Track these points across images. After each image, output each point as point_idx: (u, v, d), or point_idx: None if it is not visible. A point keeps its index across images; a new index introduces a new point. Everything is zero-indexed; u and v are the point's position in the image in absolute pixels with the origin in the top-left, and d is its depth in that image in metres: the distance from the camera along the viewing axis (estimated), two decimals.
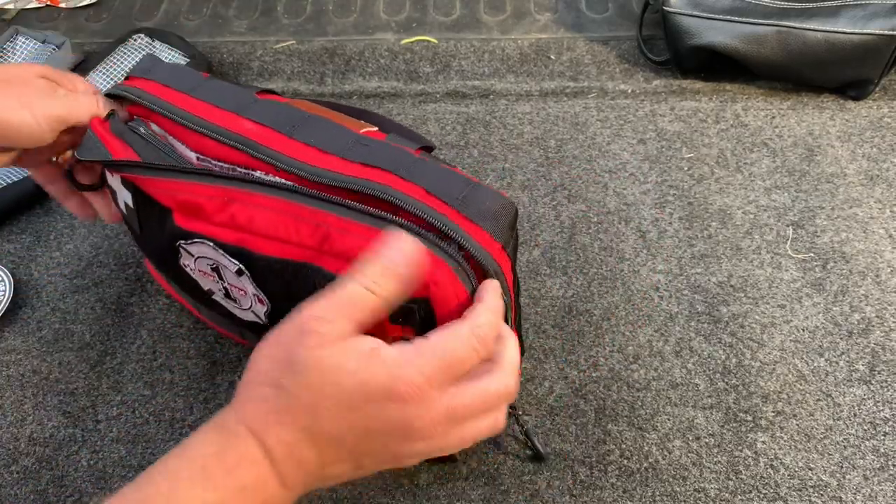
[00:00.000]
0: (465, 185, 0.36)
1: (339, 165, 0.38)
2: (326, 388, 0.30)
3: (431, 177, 0.37)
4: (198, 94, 0.43)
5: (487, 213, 0.36)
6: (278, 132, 0.40)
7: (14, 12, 0.88)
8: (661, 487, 0.47)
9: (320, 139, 0.39)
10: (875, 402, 0.51)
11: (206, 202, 0.39)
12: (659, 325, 0.55)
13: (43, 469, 0.50)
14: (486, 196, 0.36)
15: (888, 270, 0.58)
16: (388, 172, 0.37)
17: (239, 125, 0.41)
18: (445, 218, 0.35)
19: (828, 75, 0.70)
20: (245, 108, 0.42)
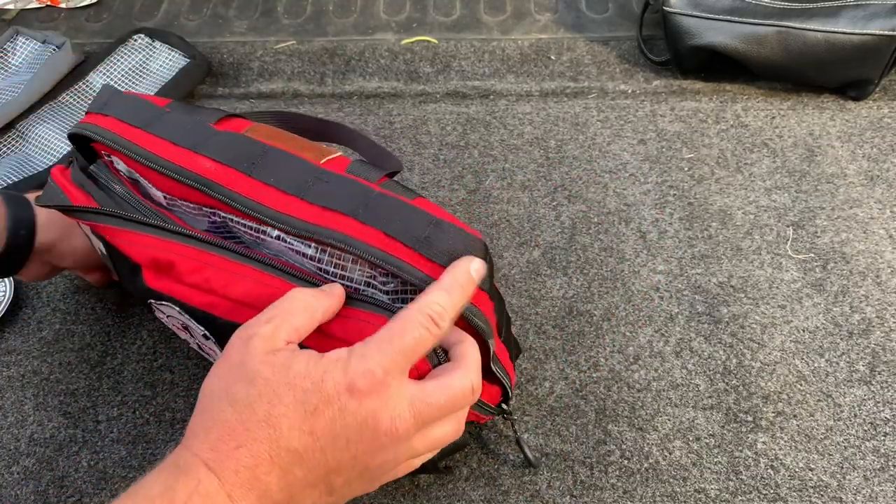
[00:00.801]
0: (427, 224, 0.35)
1: (297, 208, 0.36)
2: (281, 392, 0.29)
3: (392, 216, 0.35)
4: (154, 129, 0.41)
5: (452, 252, 0.34)
6: (236, 170, 0.38)
7: (14, 12, 0.88)
8: (662, 488, 0.47)
9: (279, 177, 0.37)
10: (875, 402, 0.51)
11: (179, 261, 0.38)
12: (659, 325, 0.55)
13: (43, 470, 0.50)
14: (450, 235, 0.35)
15: (888, 271, 0.58)
16: (347, 216, 0.35)
17: (196, 163, 0.39)
18: (404, 263, 0.34)
19: (828, 75, 0.70)
20: (202, 143, 0.40)
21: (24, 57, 0.77)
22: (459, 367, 0.32)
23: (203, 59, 0.77)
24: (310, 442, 0.29)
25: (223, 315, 0.37)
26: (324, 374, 0.29)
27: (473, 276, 0.33)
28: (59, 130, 0.70)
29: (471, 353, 0.33)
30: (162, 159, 0.39)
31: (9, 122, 0.70)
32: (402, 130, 0.71)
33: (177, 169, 0.39)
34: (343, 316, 0.34)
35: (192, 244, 0.38)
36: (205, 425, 0.29)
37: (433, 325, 0.31)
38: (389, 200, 0.36)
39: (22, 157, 0.69)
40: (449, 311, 0.32)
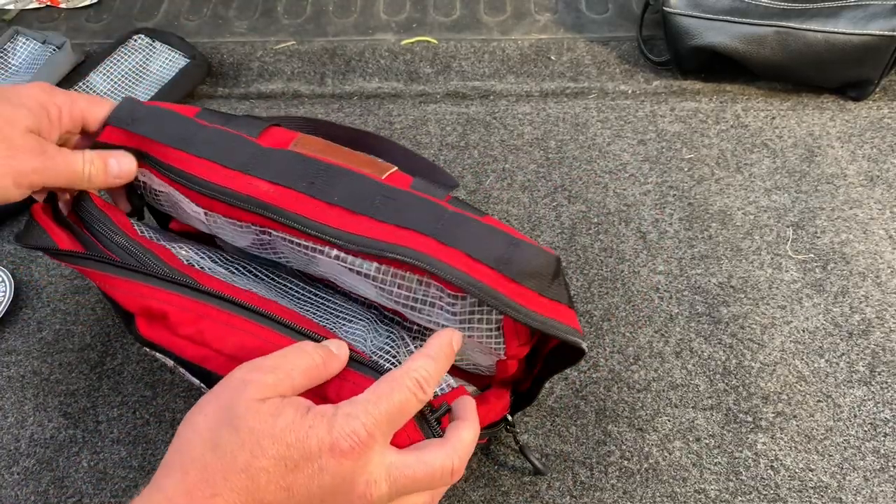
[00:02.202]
0: (508, 244, 0.34)
1: (369, 227, 0.35)
2: (265, 444, 0.28)
3: (470, 236, 0.34)
4: (196, 149, 0.39)
5: (533, 272, 0.34)
6: (296, 191, 0.36)
7: (14, 13, 0.88)
8: (662, 488, 0.47)
9: (344, 196, 0.36)
10: (875, 403, 0.51)
11: (173, 312, 0.36)
12: (659, 325, 0.55)
13: (43, 470, 0.50)
14: (530, 254, 0.35)
15: (888, 271, 0.58)
16: (426, 236, 0.34)
17: (252, 187, 0.37)
18: (489, 288, 0.33)
19: (828, 76, 0.70)
20: (253, 164, 0.38)
21: (24, 57, 0.77)
22: (446, 446, 0.32)
23: (203, 60, 0.77)
24: (284, 498, 0.29)
25: (216, 369, 0.35)
26: (308, 429, 0.29)
27: (454, 347, 0.34)
28: None
29: (464, 436, 0.32)
30: (213, 184, 0.37)
31: None
32: (402, 131, 0.71)
33: (232, 194, 0.37)
34: (341, 378, 0.33)
35: (186, 294, 0.36)
36: (183, 465, 0.29)
37: (420, 391, 0.31)
38: (465, 219, 0.35)
39: None
40: (434, 378, 0.32)
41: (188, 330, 0.36)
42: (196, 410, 0.30)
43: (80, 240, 0.40)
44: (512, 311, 0.33)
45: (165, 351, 0.37)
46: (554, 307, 0.36)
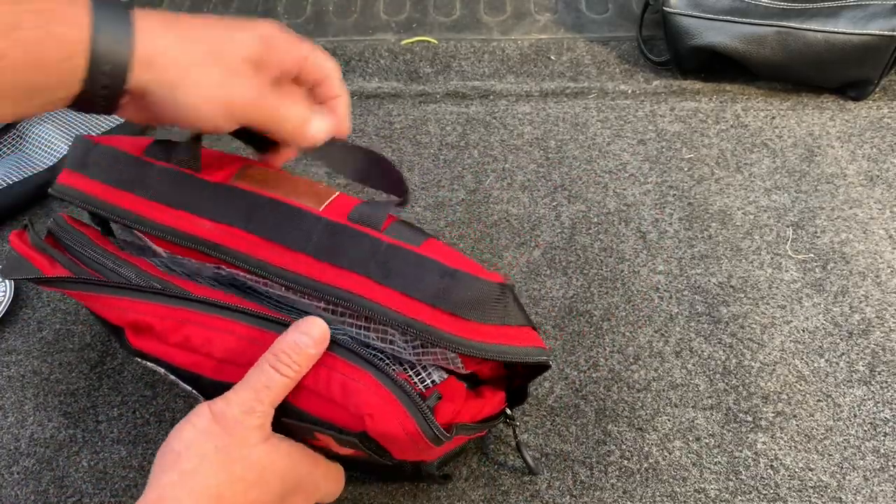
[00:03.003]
0: (443, 276, 0.34)
1: (306, 265, 0.36)
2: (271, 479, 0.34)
3: (405, 272, 0.34)
4: (143, 191, 0.39)
5: (472, 302, 0.34)
6: (236, 228, 0.37)
7: None
8: (662, 488, 0.47)
9: (281, 233, 0.36)
10: (875, 402, 0.51)
11: (157, 322, 0.36)
12: (659, 325, 0.55)
13: (43, 470, 0.50)
14: (467, 284, 0.34)
15: (888, 271, 0.58)
16: (361, 276, 0.35)
17: (194, 225, 0.38)
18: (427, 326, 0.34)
19: (828, 76, 0.70)
20: (195, 203, 0.38)
21: None
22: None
23: None
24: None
25: (207, 374, 0.36)
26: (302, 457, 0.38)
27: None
28: (58, 130, 0.70)
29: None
30: (158, 224, 0.38)
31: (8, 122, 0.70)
32: (402, 130, 0.71)
33: (174, 232, 0.38)
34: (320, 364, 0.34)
35: (165, 302, 0.37)
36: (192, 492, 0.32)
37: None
38: (400, 253, 0.35)
39: (22, 157, 0.69)
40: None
41: (175, 337, 0.36)
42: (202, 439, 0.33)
43: (60, 261, 0.41)
44: (453, 346, 0.34)
45: (158, 360, 0.38)
46: (502, 332, 0.36)
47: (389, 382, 0.33)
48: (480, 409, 0.39)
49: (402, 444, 0.34)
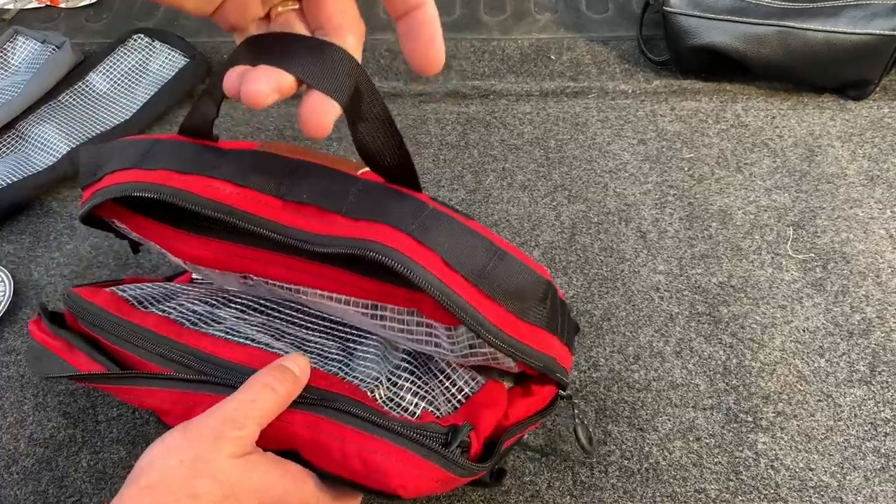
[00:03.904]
0: (491, 255, 0.31)
1: (341, 226, 0.31)
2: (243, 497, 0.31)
3: (450, 240, 0.30)
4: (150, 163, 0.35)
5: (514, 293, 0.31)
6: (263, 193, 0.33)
7: (14, 12, 0.87)
8: (662, 488, 0.47)
9: (314, 193, 0.32)
10: (876, 402, 0.51)
11: (171, 407, 0.36)
12: (659, 325, 0.55)
13: (43, 470, 0.50)
14: (515, 270, 0.31)
15: (889, 271, 0.58)
16: (400, 232, 0.30)
17: (213, 189, 0.33)
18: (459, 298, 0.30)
19: (828, 75, 0.70)
20: (214, 166, 0.34)
21: (24, 57, 0.77)
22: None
23: (203, 59, 0.77)
24: None
25: None
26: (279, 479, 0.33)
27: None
28: (58, 130, 0.70)
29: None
30: (169, 188, 0.33)
31: (8, 122, 0.70)
32: (403, 130, 0.71)
33: (190, 198, 0.33)
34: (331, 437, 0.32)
35: (174, 387, 0.36)
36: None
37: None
38: (447, 218, 0.31)
39: (21, 157, 0.68)
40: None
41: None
42: (166, 453, 0.32)
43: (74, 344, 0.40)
44: (481, 330, 0.30)
45: None
46: (534, 333, 0.33)
47: (410, 444, 0.31)
48: (529, 406, 0.39)
49: (444, 488, 0.34)
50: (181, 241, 0.37)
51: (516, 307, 0.31)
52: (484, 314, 0.30)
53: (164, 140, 0.36)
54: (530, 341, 0.33)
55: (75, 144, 0.69)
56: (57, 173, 0.67)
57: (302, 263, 0.34)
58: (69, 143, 0.69)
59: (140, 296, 0.42)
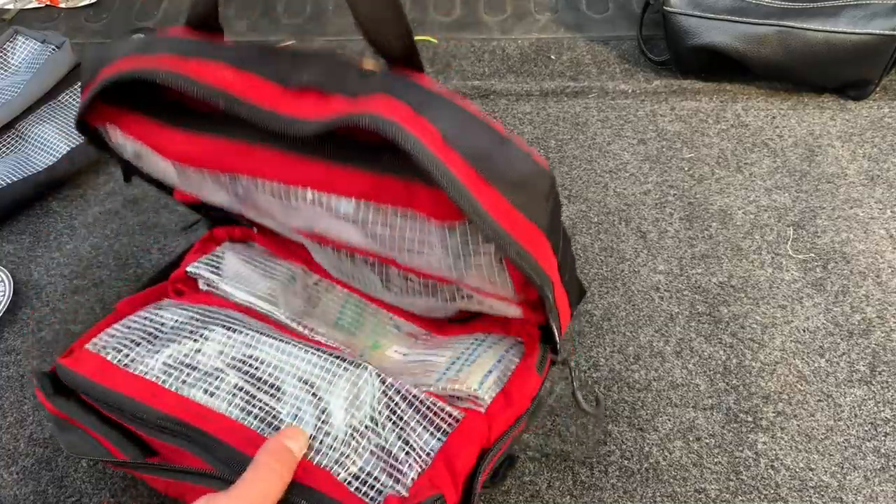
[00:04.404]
0: (493, 140, 0.29)
1: (341, 104, 0.30)
2: None
3: (451, 118, 0.28)
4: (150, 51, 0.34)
5: (516, 181, 0.29)
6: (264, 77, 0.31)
7: (14, 12, 0.88)
8: (662, 488, 0.47)
9: (315, 75, 0.31)
10: (876, 402, 0.51)
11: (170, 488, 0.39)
12: (659, 325, 0.55)
13: (43, 470, 0.50)
14: (517, 158, 0.29)
15: (889, 271, 0.58)
16: (399, 101, 0.28)
17: (211, 72, 0.32)
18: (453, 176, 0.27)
19: (828, 75, 0.70)
20: (215, 52, 0.32)
21: (24, 57, 0.77)
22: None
23: None
24: None
25: None
26: None
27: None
28: (58, 130, 0.70)
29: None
30: (165, 71, 0.32)
31: (8, 122, 0.70)
32: None
33: (187, 80, 0.31)
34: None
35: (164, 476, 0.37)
36: None
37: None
38: (447, 103, 0.29)
39: (21, 157, 0.68)
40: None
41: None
42: None
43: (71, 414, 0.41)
44: (474, 215, 0.28)
45: None
46: (534, 235, 0.30)
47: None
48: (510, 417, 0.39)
49: None
50: (172, 138, 0.36)
51: (516, 198, 0.29)
52: (481, 201, 0.28)
53: (169, 31, 0.35)
54: (529, 245, 0.30)
55: (75, 144, 0.69)
56: (57, 173, 0.67)
57: (295, 159, 0.33)
58: (69, 143, 0.69)
59: (126, 343, 0.42)
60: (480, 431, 0.37)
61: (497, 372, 0.41)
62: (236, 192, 0.37)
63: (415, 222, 0.32)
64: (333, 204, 0.33)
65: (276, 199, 0.35)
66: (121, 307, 0.46)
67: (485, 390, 0.39)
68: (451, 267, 0.33)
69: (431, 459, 0.36)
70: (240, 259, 0.49)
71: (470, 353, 0.42)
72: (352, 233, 0.34)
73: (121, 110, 0.38)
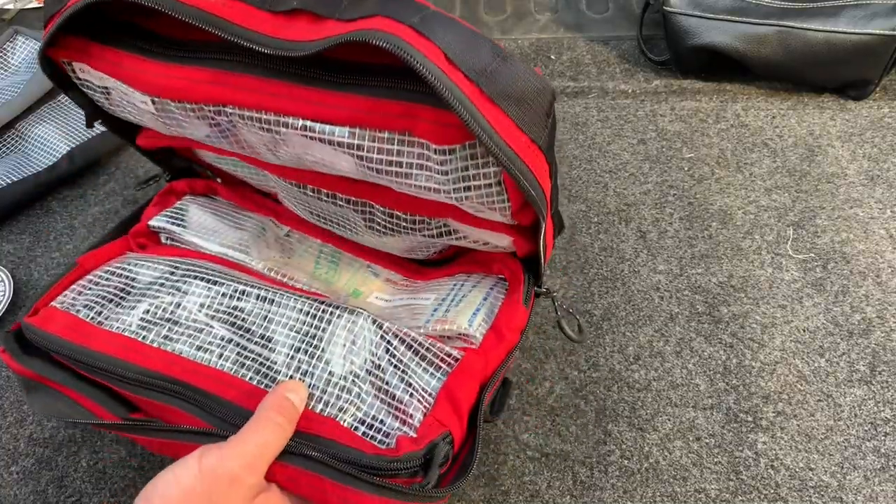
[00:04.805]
0: (494, 56, 0.28)
1: (335, 28, 0.29)
2: None
3: (452, 35, 0.28)
4: None
5: (518, 95, 0.28)
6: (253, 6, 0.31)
7: (14, 12, 0.88)
8: (662, 488, 0.47)
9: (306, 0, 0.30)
10: (876, 402, 0.51)
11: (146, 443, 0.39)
12: (659, 325, 0.55)
13: (43, 469, 0.50)
14: (519, 73, 0.28)
15: (889, 271, 0.58)
16: (400, 23, 0.28)
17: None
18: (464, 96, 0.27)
19: (828, 75, 0.70)
20: None
21: (24, 57, 0.77)
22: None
23: None
24: None
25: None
26: None
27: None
28: (58, 130, 0.70)
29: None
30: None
31: (8, 121, 0.70)
32: None
33: (173, 5, 0.31)
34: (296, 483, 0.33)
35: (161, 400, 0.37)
36: None
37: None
38: (448, 20, 0.29)
39: (21, 157, 0.68)
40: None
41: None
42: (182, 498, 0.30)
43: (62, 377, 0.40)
44: (482, 133, 0.27)
45: None
46: (534, 155, 0.30)
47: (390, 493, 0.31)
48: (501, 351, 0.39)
49: None
50: (151, 70, 0.34)
51: (518, 115, 0.29)
52: (487, 119, 0.28)
53: None
54: (530, 162, 0.30)
55: (75, 144, 0.69)
56: (57, 173, 0.67)
57: (284, 87, 0.32)
58: (69, 143, 0.69)
59: (97, 300, 0.41)
60: (478, 367, 0.38)
61: (484, 310, 0.41)
62: (220, 127, 0.36)
63: (412, 147, 0.31)
64: (327, 132, 0.32)
65: (263, 132, 0.34)
66: (83, 261, 0.44)
67: (475, 328, 0.39)
68: (450, 192, 0.32)
69: (434, 398, 0.36)
70: (205, 211, 0.48)
71: (455, 293, 0.42)
72: (344, 162, 0.33)
73: (90, 43, 0.36)
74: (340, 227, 0.45)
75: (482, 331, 0.40)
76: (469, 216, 0.37)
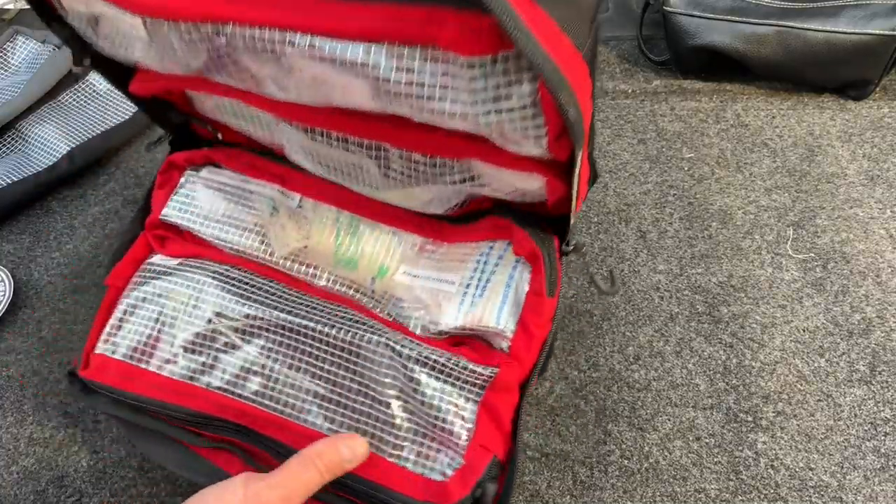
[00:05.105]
0: None
1: None
2: None
3: None
4: None
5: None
6: None
7: (14, 12, 0.88)
8: (662, 488, 0.47)
9: None
10: (876, 402, 0.51)
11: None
12: (659, 325, 0.55)
13: (43, 469, 0.50)
14: None
15: (889, 271, 0.58)
16: None
17: None
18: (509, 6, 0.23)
19: (828, 75, 0.70)
20: None
21: (24, 57, 0.77)
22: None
23: None
24: None
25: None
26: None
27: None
28: (58, 130, 0.70)
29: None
30: None
31: (8, 121, 0.70)
32: None
33: None
34: None
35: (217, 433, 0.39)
36: None
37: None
38: None
39: (22, 157, 0.68)
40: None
41: None
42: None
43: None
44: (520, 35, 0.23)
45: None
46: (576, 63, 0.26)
47: None
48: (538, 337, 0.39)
49: None
50: None
51: (563, 16, 0.25)
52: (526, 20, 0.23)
53: None
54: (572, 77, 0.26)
55: (75, 144, 0.69)
56: (57, 173, 0.67)
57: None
58: (69, 143, 0.69)
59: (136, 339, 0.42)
60: (515, 376, 0.38)
61: (510, 302, 0.40)
62: (218, 53, 0.33)
63: (436, 64, 0.27)
64: (339, 51, 0.28)
65: (267, 54, 0.30)
66: (111, 282, 0.45)
67: (503, 323, 0.39)
68: (478, 115, 0.28)
69: (475, 418, 0.36)
70: (211, 191, 0.47)
71: (478, 277, 0.41)
72: (358, 91, 0.30)
73: None
74: (353, 179, 0.42)
75: (511, 326, 0.39)
76: (496, 153, 0.33)
